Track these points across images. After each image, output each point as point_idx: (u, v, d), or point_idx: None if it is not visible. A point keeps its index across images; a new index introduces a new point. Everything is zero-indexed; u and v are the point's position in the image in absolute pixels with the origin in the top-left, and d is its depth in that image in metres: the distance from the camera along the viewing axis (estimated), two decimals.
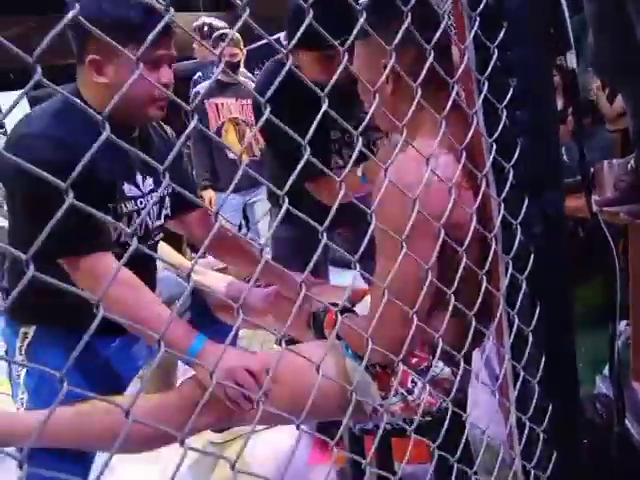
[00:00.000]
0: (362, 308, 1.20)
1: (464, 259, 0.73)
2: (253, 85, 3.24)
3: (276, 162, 1.67)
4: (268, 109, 0.51)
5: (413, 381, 0.98)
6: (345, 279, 1.62)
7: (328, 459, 1.74)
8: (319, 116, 0.53)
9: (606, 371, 1.75)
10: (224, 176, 3.00)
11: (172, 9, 0.47)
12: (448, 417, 0.73)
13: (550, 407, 0.85)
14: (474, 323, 0.76)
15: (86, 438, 1.04)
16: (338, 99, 0.64)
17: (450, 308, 0.75)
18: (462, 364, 0.74)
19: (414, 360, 0.97)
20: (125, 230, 0.46)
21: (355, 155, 0.58)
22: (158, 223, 1.29)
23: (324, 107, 0.54)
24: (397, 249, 0.70)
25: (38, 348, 1.13)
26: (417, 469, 1.51)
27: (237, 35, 3.04)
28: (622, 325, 1.81)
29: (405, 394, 0.98)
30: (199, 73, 3.22)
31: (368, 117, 0.66)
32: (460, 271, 0.75)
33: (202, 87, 3.09)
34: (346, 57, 0.57)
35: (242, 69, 3.17)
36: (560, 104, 4.16)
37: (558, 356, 0.85)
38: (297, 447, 0.63)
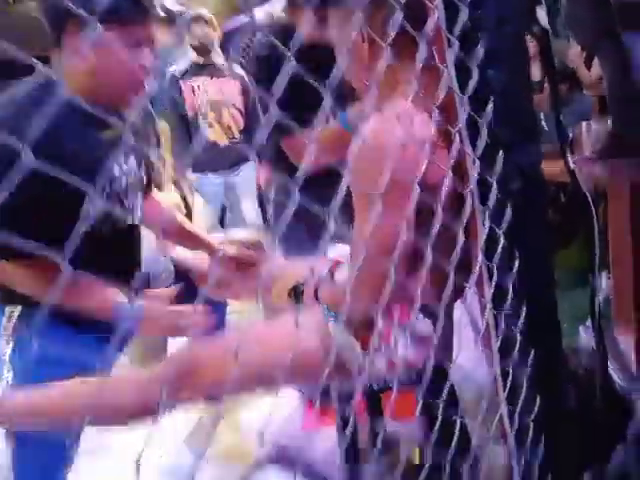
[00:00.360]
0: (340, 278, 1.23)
1: (439, 209, 0.75)
2: (225, 65, 3.23)
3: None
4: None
5: (396, 338, 1.01)
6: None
7: (322, 424, 1.77)
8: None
9: (589, 323, 1.81)
10: (203, 158, 3.00)
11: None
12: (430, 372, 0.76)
13: (532, 353, 0.88)
14: (452, 276, 0.79)
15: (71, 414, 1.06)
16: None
17: (427, 263, 0.77)
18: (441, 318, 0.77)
19: (395, 316, 1.00)
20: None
21: (325, 114, 0.60)
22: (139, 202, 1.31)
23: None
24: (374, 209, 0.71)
25: (23, 328, 1.15)
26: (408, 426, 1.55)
27: (210, 15, 3.02)
28: (603, 280, 1.86)
29: (389, 352, 1.01)
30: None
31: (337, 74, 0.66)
32: (437, 226, 0.77)
33: (178, 69, 3.06)
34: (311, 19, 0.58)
35: (217, 49, 3.15)
36: (538, 74, 4.18)
37: (539, 306, 0.88)
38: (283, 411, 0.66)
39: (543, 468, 0.93)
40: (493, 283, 0.84)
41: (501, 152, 0.81)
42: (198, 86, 3.01)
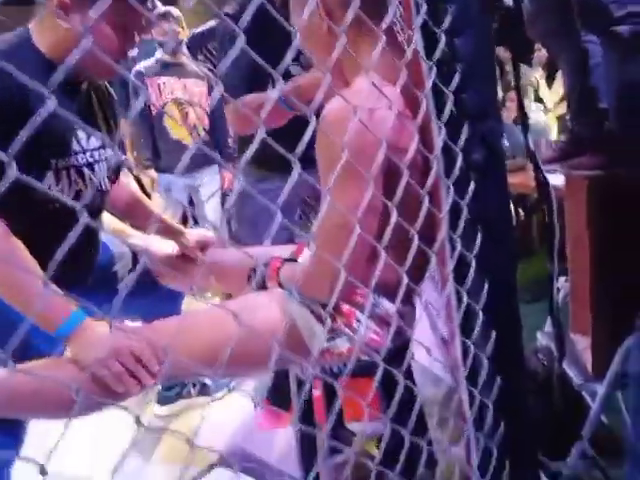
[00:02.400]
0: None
1: (406, 176, 0.74)
2: (194, 66, 3.19)
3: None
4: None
5: (358, 320, 0.98)
6: None
7: (277, 424, 1.73)
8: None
9: (547, 328, 1.82)
10: (166, 156, 2.94)
11: None
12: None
13: (494, 334, 0.87)
14: (416, 244, 0.77)
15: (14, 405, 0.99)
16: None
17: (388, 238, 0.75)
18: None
19: (359, 299, 0.98)
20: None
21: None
22: (107, 186, 1.26)
23: None
24: (343, 182, 0.69)
25: None
26: (366, 426, 1.51)
27: (178, 13, 2.99)
28: (561, 281, 1.88)
29: (351, 334, 0.98)
30: (136, 50, 3.14)
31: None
32: (400, 194, 0.75)
33: (144, 66, 3.01)
34: None
35: (184, 49, 3.11)
36: (500, 93, 4.28)
37: (500, 283, 0.87)
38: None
39: (501, 452, 0.91)
40: (455, 257, 0.82)
41: (466, 121, 0.80)
42: (164, 83, 2.96)
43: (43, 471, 0.33)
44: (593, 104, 1.50)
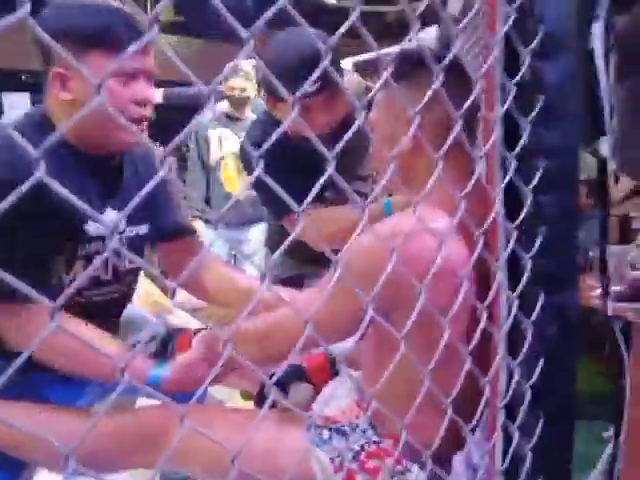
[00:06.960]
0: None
1: (446, 337, 0.63)
2: None
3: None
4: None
5: None
6: None
7: None
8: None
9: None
10: (217, 209, 2.90)
11: (156, 26, 0.38)
12: None
13: None
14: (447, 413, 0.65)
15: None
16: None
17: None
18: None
19: (390, 460, 0.85)
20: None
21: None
22: (131, 266, 1.14)
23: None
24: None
25: None
26: None
27: (249, 68, 2.98)
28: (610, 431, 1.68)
29: None
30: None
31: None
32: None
33: (205, 117, 3.00)
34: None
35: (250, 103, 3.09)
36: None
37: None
38: None
39: None
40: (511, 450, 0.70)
41: (541, 292, 0.70)
42: (225, 137, 2.94)
43: None
44: None
